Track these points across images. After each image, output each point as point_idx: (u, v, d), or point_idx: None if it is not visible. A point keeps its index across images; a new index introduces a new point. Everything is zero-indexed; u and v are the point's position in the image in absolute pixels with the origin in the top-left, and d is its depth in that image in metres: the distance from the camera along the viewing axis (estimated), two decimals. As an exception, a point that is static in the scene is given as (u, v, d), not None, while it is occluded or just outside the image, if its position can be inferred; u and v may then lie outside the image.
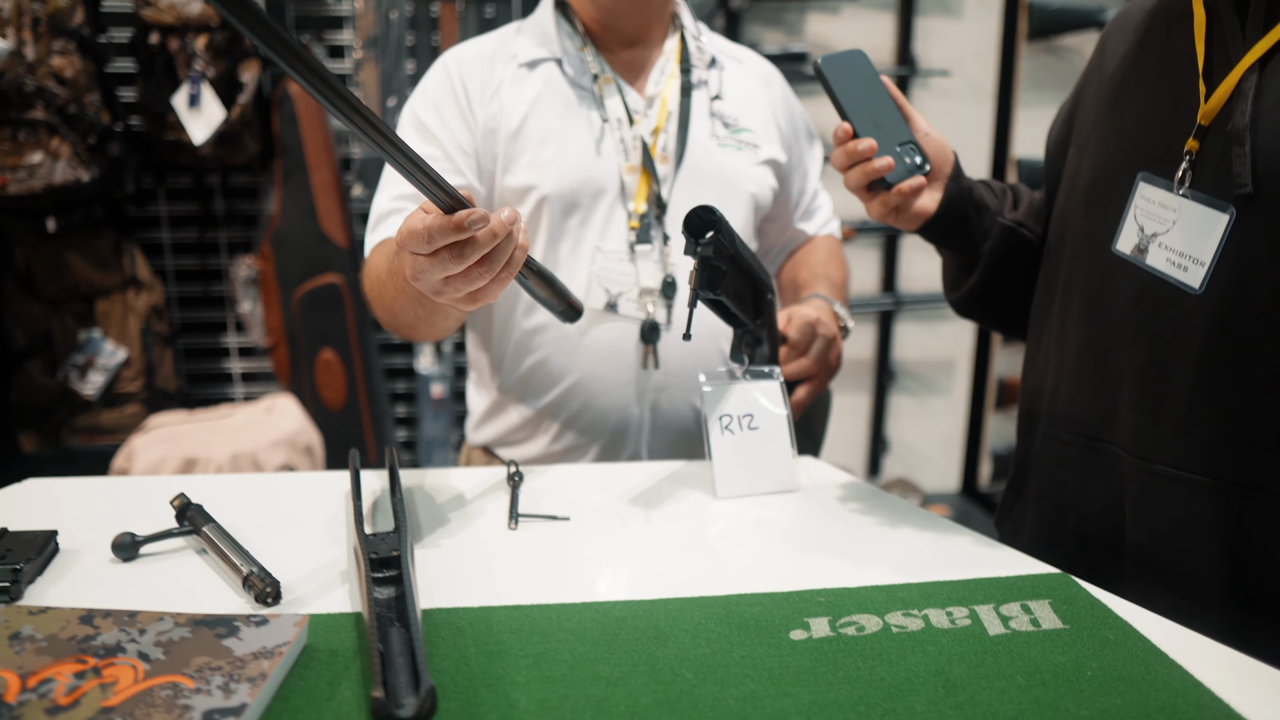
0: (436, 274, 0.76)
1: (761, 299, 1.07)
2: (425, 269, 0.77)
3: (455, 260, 0.74)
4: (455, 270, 0.75)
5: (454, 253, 0.74)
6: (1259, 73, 0.78)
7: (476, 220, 0.72)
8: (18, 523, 0.89)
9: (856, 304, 3.04)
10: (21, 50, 2.18)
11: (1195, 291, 0.80)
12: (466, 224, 0.71)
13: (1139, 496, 0.85)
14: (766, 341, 1.10)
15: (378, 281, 1.11)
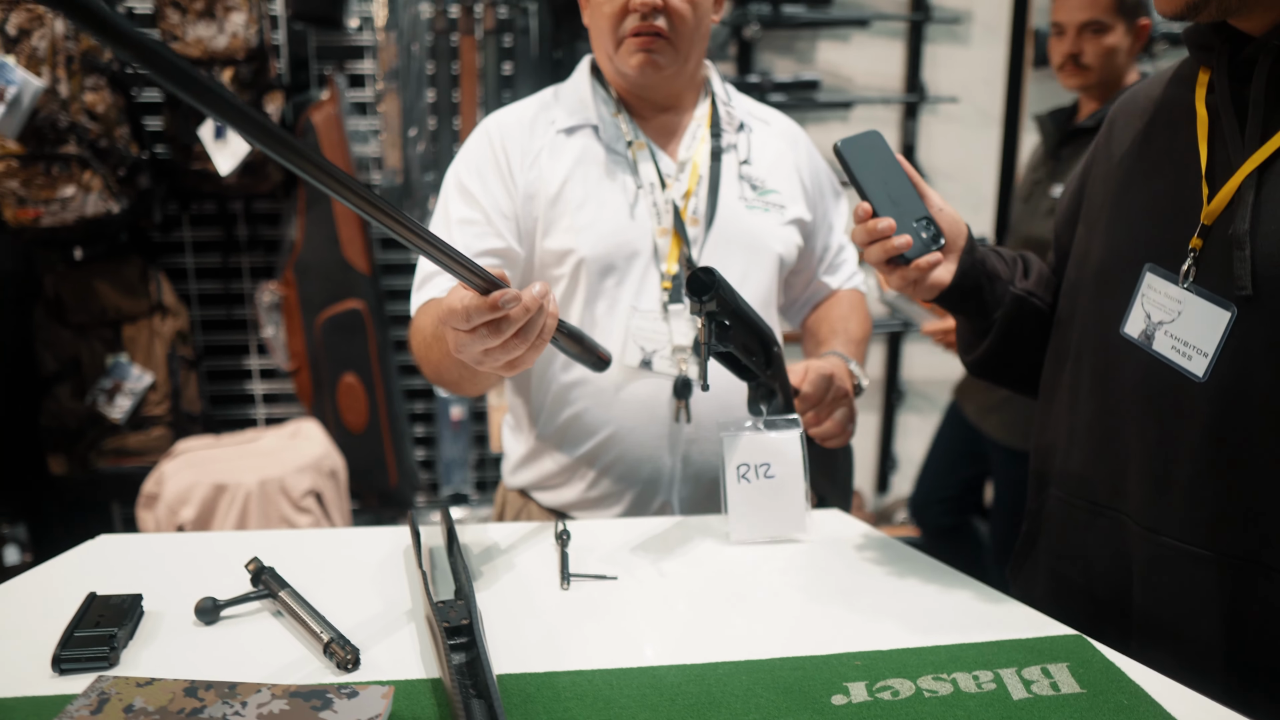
0: (476, 347, 0.84)
1: (769, 351, 1.14)
2: (466, 343, 0.85)
3: (493, 335, 0.83)
4: (493, 344, 0.84)
5: (491, 329, 0.83)
6: (1258, 179, 0.83)
7: (509, 300, 0.80)
8: (97, 581, 0.95)
9: (865, 326, 3.10)
10: (56, 87, 2.24)
11: (1199, 380, 0.86)
12: (501, 304, 0.80)
13: (1145, 564, 0.91)
14: (779, 393, 1.17)
15: (424, 343, 1.18)
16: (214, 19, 2.46)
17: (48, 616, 0.88)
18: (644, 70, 1.23)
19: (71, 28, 2.25)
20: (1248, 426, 0.83)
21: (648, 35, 1.21)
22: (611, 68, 1.28)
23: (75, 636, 0.83)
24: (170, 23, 2.46)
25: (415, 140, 2.72)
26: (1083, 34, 2.07)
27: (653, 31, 1.21)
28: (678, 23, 1.22)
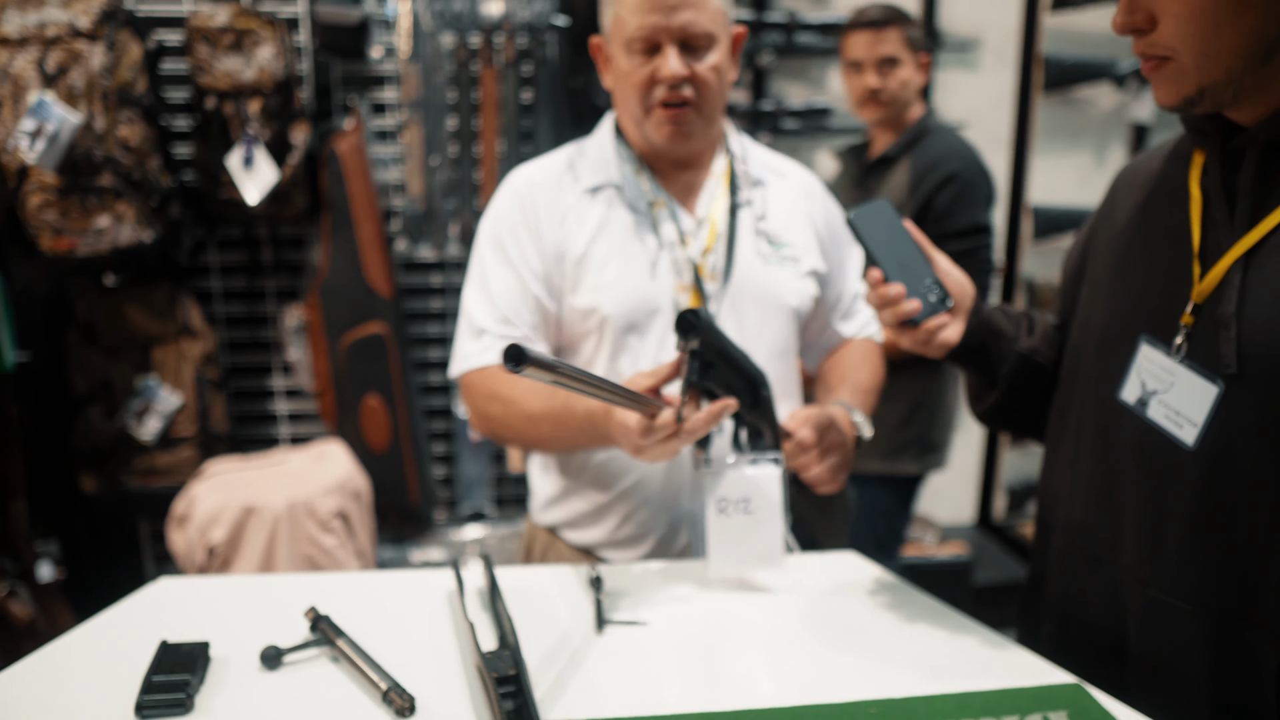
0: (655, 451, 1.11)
1: (756, 393, 1.20)
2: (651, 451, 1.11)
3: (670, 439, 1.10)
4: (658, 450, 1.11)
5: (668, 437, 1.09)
6: (1245, 264, 0.89)
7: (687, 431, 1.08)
8: (161, 626, 1.02)
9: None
10: (92, 122, 2.31)
11: (1189, 448, 0.91)
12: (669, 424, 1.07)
13: (1140, 615, 0.96)
14: (767, 433, 1.23)
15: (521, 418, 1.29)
16: (242, 52, 2.53)
17: (119, 662, 0.94)
18: (673, 142, 1.30)
19: (107, 64, 2.32)
20: (1234, 492, 0.89)
21: (676, 106, 1.27)
22: (638, 133, 1.34)
23: (154, 682, 0.89)
24: (200, 56, 2.53)
25: (437, 168, 2.79)
26: (881, 69, 2.25)
27: (680, 101, 1.27)
28: (704, 90, 1.28)
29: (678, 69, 1.25)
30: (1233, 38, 0.87)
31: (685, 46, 1.27)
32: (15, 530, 2.66)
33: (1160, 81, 0.93)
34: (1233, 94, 0.90)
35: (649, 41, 1.26)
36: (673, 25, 1.25)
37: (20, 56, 2.29)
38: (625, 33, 1.28)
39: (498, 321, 1.32)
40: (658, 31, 1.26)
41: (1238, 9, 0.86)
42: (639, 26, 1.26)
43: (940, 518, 3.42)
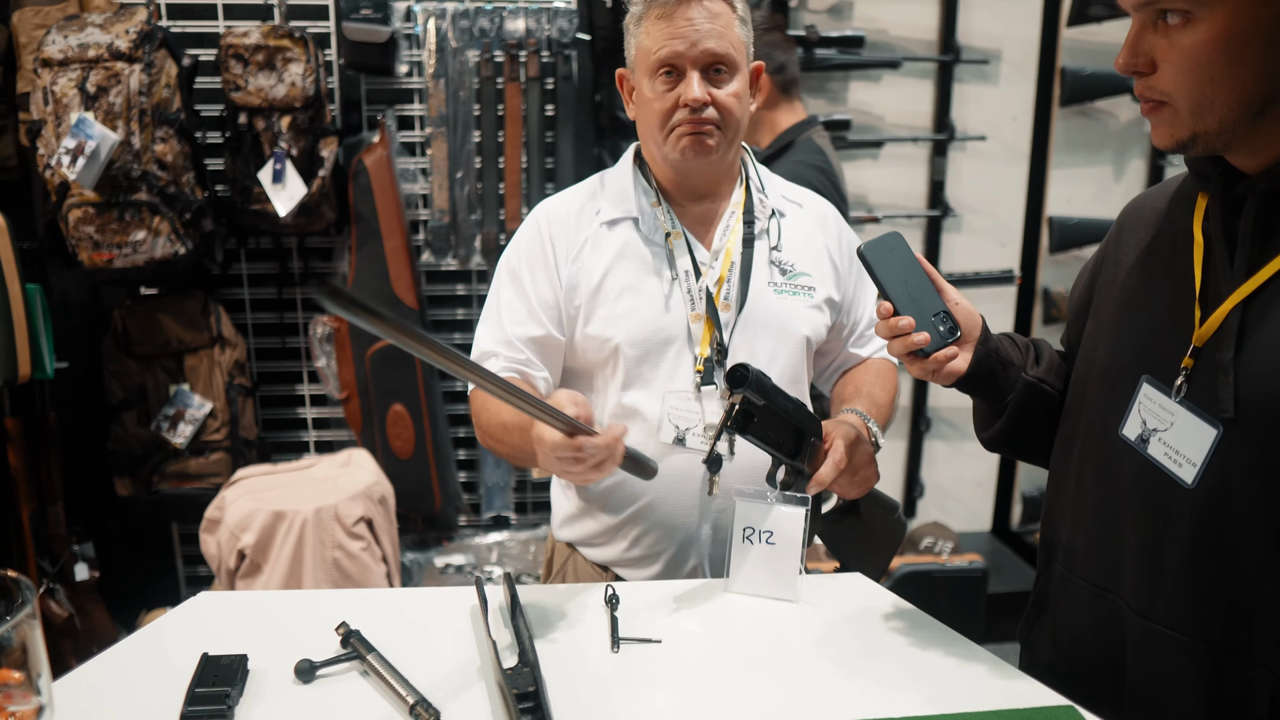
0: (557, 468, 1.14)
1: (803, 440, 1.25)
2: (550, 464, 1.14)
3: (574, 464, 1.11)
4: (574, 470, 1.12)
5: (573, 460, 1.11)
6: (1244, 311, 0.92)
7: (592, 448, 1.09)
8: (202, 639, 1.08)
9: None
10: (129, 140, 2.39)
11: (1188, 486, 0.95)
12: (584, 449, 1.09)
13: (1136, 645, 1.00)
14: (804, 476, 1.28)
15: (494, 424, 1.34)
16: (274, 70, 2.60)
17: (165, 673, 1.00)
18: (694, 151, 1.33)
19: (145, 84, 2.40)
20: (1230, 532, 0.92)
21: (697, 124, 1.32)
22: (659, 154, 1.38)
23: (197, 694, 0.96)
24: (233, 73, 2.60)
25: (462, 181, 2.85)
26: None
27: (702, 122, 1.31)
28: (725, 115, 1.33)
29: (700, 93, 1.30)
30: (1226, 91, 0.90)
31: (707, 72, 1.31)
32: (53, 532, 2.76)
33: (1157, 123, 0.97)
34: (1225, 142, 0.93)
35: (672, 67, 1.31)
36: (695, 51, 1.30)
37: (63, 77, 2.37)
38: (649, 60, 1.33)
39: (504, 345, 1.38)
40: (680, 57, 1.30)
41: (1232, 65, 0.89)
42: (662, 52, 1.31)
43: (956, 525, 3.45)
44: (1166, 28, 0.91)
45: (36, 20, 2.62)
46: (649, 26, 1.32)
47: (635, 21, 1.36)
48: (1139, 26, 0.94)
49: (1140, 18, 0.93)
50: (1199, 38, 0.89)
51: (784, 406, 1.21)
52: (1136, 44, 0.94)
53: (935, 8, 3.09)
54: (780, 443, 1.23)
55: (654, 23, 1.31)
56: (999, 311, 3.36)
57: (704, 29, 1.29)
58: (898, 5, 3.07)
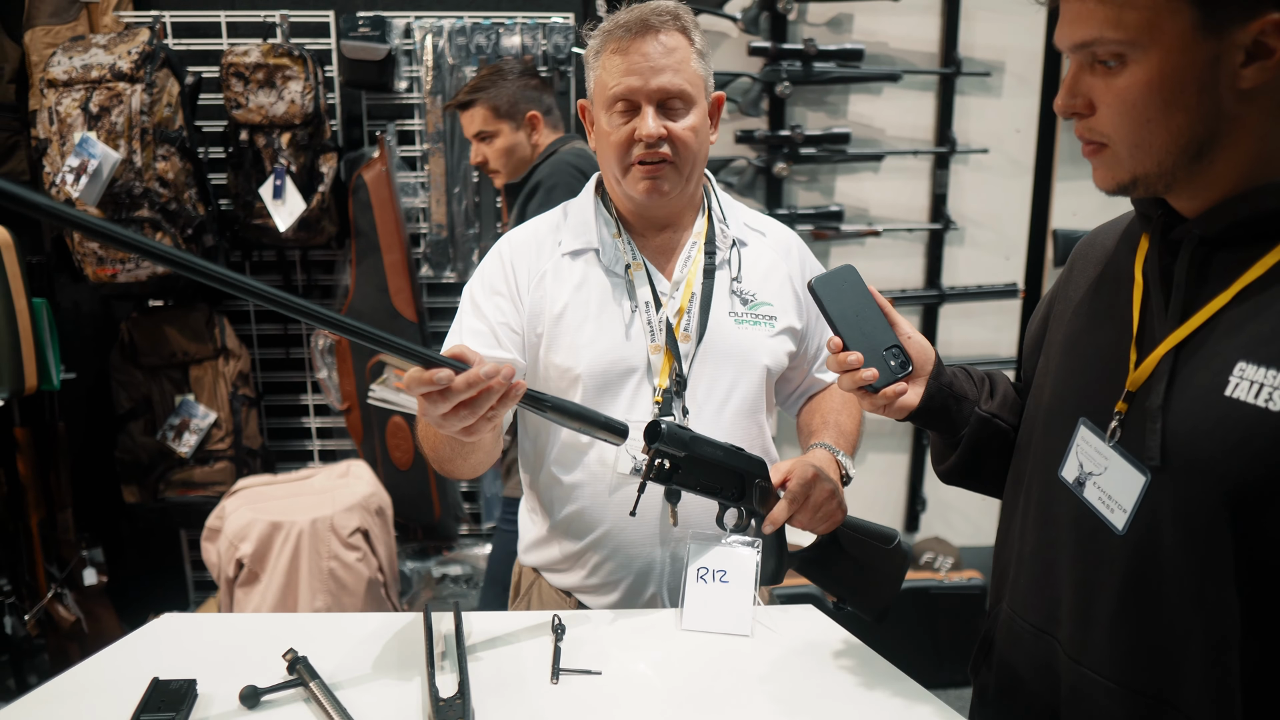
0: (431, 411, 1.04)
1: (745, 483, 1.27)
2: (424, 407, 1.05)
3: (442, 402, 1.02)
4: (443, 409, 1.02)
5: (439, 397, 1.01)
6: (1175, 359, 0.91)
7: (442, 377, 0.99)
8: (159, 662, 1.11)
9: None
10: (131, 158, 2.44)
11: (1119, 533, 0.94)
12: (435, 380, 0.99)
13: (1071, 690, 1.00)
14: (755, 517, 1.30)
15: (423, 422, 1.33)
16: (274, 88, 2.65)
17: (118, 695, 1.04)
18: (650, 195, 1.35)
19: (146, 103, 2.46)
20: (1157, 580, 0.91)
21: (653, 164, 1.33)
22: (619, 190, 1.40)
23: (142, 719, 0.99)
24: (234, 91, 2.66)
25: (459, 196, 2.88)
26: (481, 143, 2.39)
27: (658, 159, 1.33)
28: (681, 149, 1.34)
29: (654, 128, 1.31)
30: (1163, 134, 0.89)
31: (663, 107, 1.33)
32: (62, 538, 2.83)
33: (1098, 165, 0.96)
34: (1165, 184, 0.93)
35: (628, 102, 1.32)
36: (650, 86, 1.31)
37: (67, 98, 2.43)
38: (605, 94, 1.34)
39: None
40: (635, 92, 1.32)
41: (1167, 108, 0.88)
42: (618, 87, 1.32)
43: (959, 540, 3.43)
44: (1104, 70, 0.91)
45: (47, 39, 2.69)
46: (605, 61, 1.34)
47: (594, 55, 1.37)
48: (1076, 68, 0.94)
49: (1077, 59, 0.93)
50: (1133, 80, 0.89)
51: (711, 455, 1.23)
52: (1074, 85, 0.94)
53: (936, 20, 3.07)
54: (716, 488, 1.25)
55: (610, 57, 1.33)
56: (1002, 325, 3.33)
57: (660, 64, 1.30)
58: (898, 18, 3.06)
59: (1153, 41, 0.87)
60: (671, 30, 1.32)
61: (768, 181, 3.07)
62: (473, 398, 1.02)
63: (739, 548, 1.28)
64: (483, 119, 2.36)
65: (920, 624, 2.98)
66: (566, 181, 2.19)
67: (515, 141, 2.38)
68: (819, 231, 3.09)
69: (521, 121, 2.37)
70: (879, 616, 1.39)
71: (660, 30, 1.31)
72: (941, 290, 3.21)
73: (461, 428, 1.05)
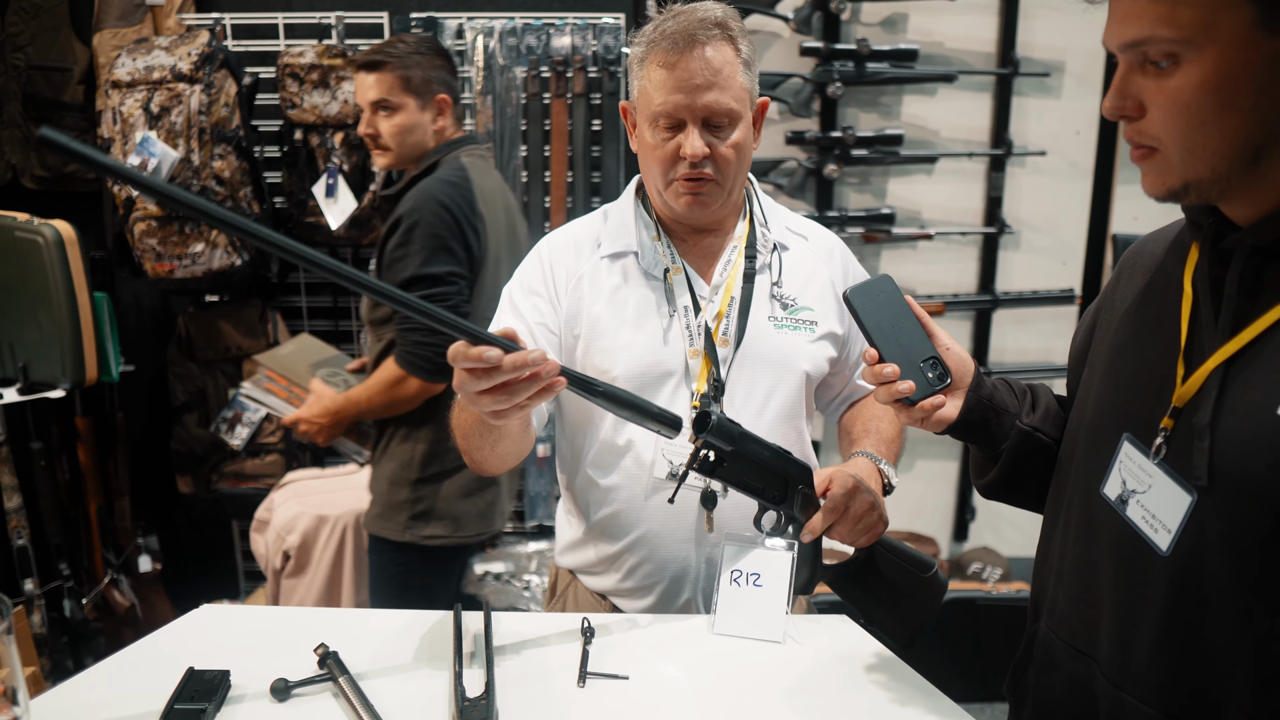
0: (469, 387, 1.02)
1: (789, 487, 1.25)
2: (462, 381, 1.03)
3: (482, 379, 1.00)
4: (482, 385, 1.00)
5: (480, 375, 1.00)
6: (1225, 374, 0.87)
7: (491, 356, 0.98)
8: (195, 653, 1.13)
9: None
10: (189, 157, 2.51)
11: (1163, 553, 0.90)
12: (484, 356, 0.98)
13: (1110, 715, 0.96)
14: (795, 522, 1.27)
15: (458, 409, 1.34)
16: (328, 88, 2.69)
17: (156, 683, 1.06)
18: (691, 210, 1.35)
19: (205, 104, 2.52)
20: (1201, 604, 0.87)
21: (696, 180, 1.32)
22: (660, 201, 1.39)
23: (174, 710, 1.01)
24: (289, 91, 2.71)
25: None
26: (376, 113, 2.15)
27: (700, 177, 1.32)
28: (723, 166, 1.32)
29: (700, 148, 1.30)
30: (1217, 137, 0.85)
31: (708, 124, 1.31)
32: (119, 525, 2.91)
33: (1147, 171, 0.93)
34: (1219, 191, 0.89)
35: (673, 119, 1.31)
36: (697, 105, 1.29)
37: (130, 98, 2.50)
38: (650, 108, 1.33)
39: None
40: (681, 110, 1.30)
41: (1222, 109, 0.84)
42: (664, 104, 1.30)
43: (1008, 550, 3.35)
44: (1155, 71, 0.87)
45: (114, 42, 2.78)
46: (650, 72, 1.32)
47: (637, 62, 1.36)
48: (1125, 69, 0.90)
49: (1127, 59, 0.90)
50: (1187, 81, 0.85)
51: (757, 454, 1.21)
52: (1124, 87, 0.90)
53: (994, 19, 3.01)
54: (759, 489, 1.23)
55: (655, 69, 1.31)
56: (1058, 332, 3.25)
57: (706, 82, 1.28)
58: (955, 17, 3.00)
59: (1208, 40, 0.83)
60: (718, 42, 1.29)
61: (818, 183, 3.03)
62: (514, 381, 1.01)
63: (775, 552, 1.26)
64: (389, 87, 2.12)
65: (966, 635, 2.92)
66: (429, 221, 2.02)
67: (417, 121, 2.15)
68: (870, 234, 3.05)
69: (429, 102, 2.16)
70: (906, 644, 1.34)
71: (707, 44, 1.28)
72: (995, 296, 3.14)
73: (493, 410, 1.04)
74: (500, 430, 1.24)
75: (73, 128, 2.84)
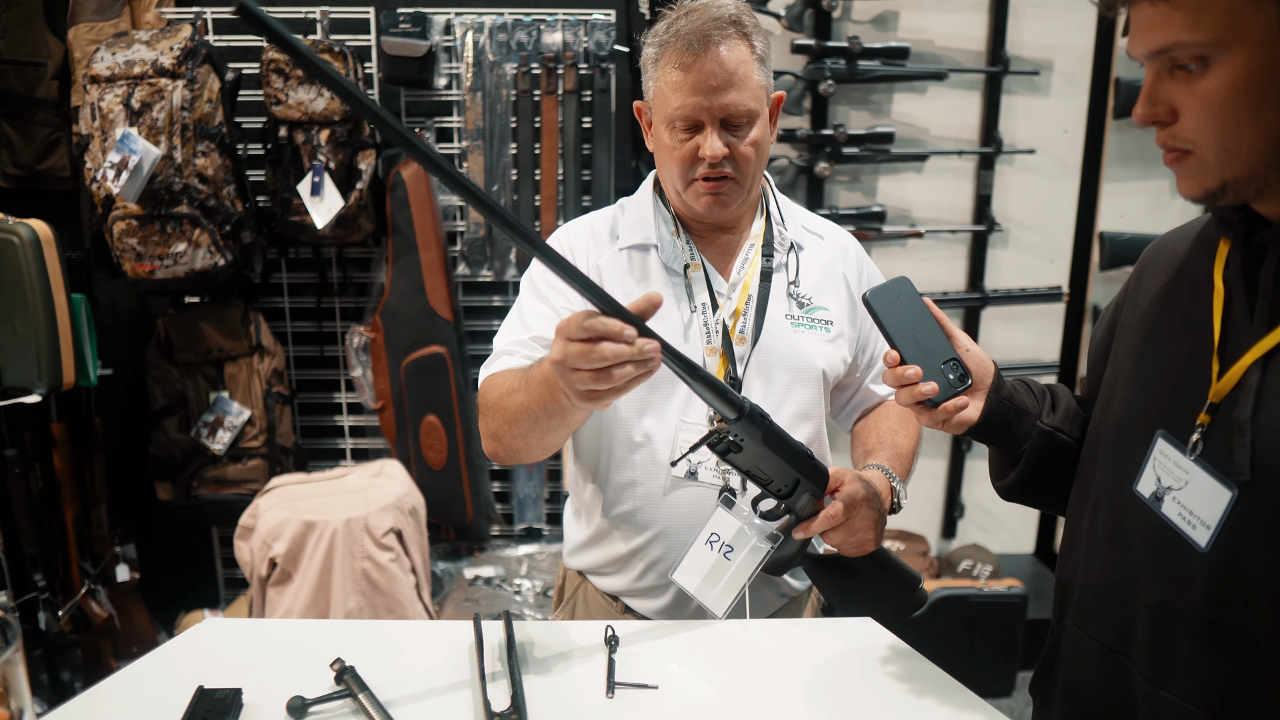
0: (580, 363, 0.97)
1: (798, 488, 1.20)
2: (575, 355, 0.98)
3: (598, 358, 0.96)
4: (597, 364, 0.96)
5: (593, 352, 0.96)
6: (1263, 369, 0.86)
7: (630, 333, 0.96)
8: (201, 670, 1.08)
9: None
10: (171, 154, 2.43)
11: (1201, 550, 0.89)
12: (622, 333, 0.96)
13: (1150, 715, 0.95)
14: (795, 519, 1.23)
15: (505, 391, 1.25)
16: (313, 84, 2.63)
17: (163, 703, 1.01)
18: (712, 210, 1.32)
19: (187, 100, 2.45)
20: (1244, 600, 0.86)
21: (716, 180, 1.29)
22: (678, 200, 1.36)
23: (185, 731, 0.96)
24: (274, 87, 2.64)
25: (498, 194, 2.85)
26: None
27: (720, 176, 1.29)
28: (743, 164, 1.30)
29: (719, 149, 1.27)
30: (1254, 135, 0.85)
31: (726, 124, 1.28)
32: (96, 533, 2.83)
33: (1183, 174, 0.91)
34: (1256, 189, 0.88)
35: (690, 121, 1.28)
36: (714, 106, 1.26)
37: (109, 94, 2.42)
38: (668, 109, 1.30)
39: (521, 344, 1.34)
40: (699, 111, 1.27)
41: (1257, 107, 0.84)
42: (682, 106, 1.27)
43: (997, 547, 3.36)
44: (1184, 75, 0.86)
45: (90, 36, 2.69)
46: (667, 73, 1.29)
47: (653, 62, 1.33)
48: (1154, 75, 0.89)
49: (1154, 66, 0.88)
50: (1220, 82, 0.84)
51: (778, 448, 1.16)
52: (1154, 93, 0.89)
53: (984, 18, 3.01)
54: (768, 480, 1.19)
55: (672, 70, 1.28)
56: (1046, 330, 3.26)
57: (723, 82, 1.25)
58: (945, 15, 2.99)
59: (1237, 40, 0.82)
60: (733, 40, 1.27)
61: (809, 181, 3.02)
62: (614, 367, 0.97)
63: (755, 539, 1.25)
64: None
65: (959, 632, 2.92)
66: None
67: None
68: (860, 232, 3.03)
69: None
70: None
71: (722, 43, 1.25)
72: (984, 293, 3.15)
73: (590, 389, 0.99)
74: (570, 416, 1.19)
75: (47, 124, 2.75)
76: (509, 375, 1.28)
